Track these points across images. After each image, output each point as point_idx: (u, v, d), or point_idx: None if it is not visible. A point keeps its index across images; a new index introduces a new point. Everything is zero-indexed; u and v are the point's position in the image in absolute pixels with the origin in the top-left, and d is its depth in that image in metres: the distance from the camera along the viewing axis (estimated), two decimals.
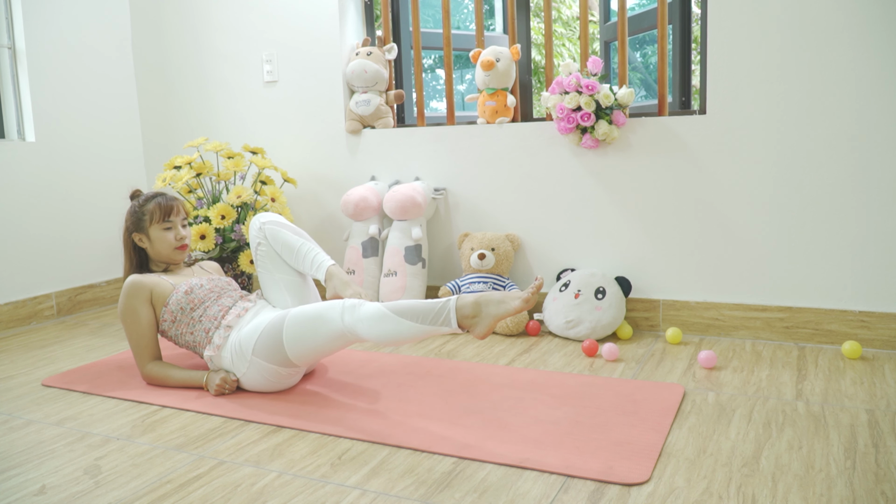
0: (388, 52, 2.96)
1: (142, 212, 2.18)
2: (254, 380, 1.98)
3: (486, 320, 1.74)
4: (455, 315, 1.74)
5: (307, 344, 1.88)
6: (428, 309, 1.76)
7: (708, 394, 1.94)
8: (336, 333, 1.85)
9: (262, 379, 1.97)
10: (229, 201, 2.76)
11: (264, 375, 1.96)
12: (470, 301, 1.75)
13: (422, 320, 1.76)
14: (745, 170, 2.40)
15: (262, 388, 2.00)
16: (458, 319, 1.74)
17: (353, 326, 1.82)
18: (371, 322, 1.80)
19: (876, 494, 1.38)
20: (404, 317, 1.77)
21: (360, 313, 1.82)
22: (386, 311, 1.79)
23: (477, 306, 1.74)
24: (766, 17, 2.31)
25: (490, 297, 1.75)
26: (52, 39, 3.13)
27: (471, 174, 2.84)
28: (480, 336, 1.75)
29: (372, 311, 1.81)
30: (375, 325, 1.79)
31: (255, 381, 1.98)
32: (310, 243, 2.17)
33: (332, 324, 1.85)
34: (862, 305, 2.31)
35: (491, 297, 1.75)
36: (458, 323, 1.75)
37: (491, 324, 1.74)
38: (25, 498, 1.48)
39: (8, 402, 2.06)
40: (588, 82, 2.45)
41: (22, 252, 3.00)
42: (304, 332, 1.87)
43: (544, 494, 1.42)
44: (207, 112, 3.35)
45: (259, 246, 2.19)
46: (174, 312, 2.09)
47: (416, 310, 1.77)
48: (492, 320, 1.74)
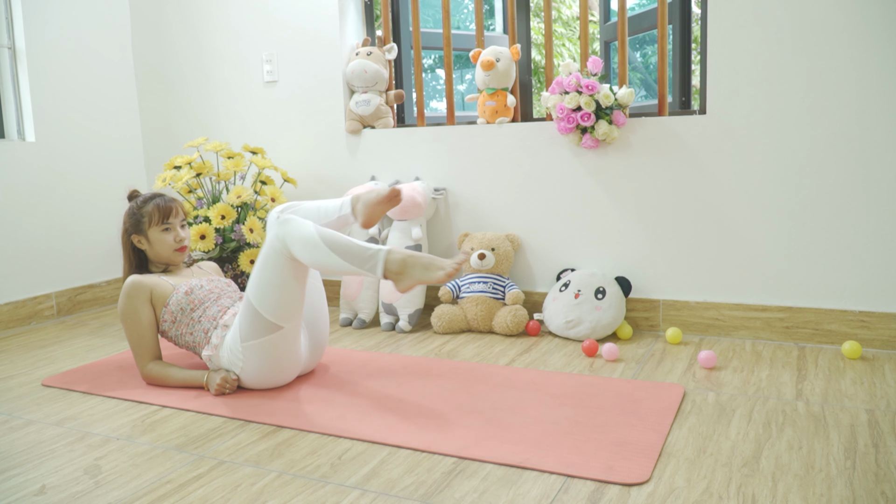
0: (388, 52, 2.96)
1: (140, 213, 2.18)
2: (254, 369, 1.97)
3: (408, 280, 1.83)
4: (382, 266, 1.82)
5: (271, 290, 1.90)
6: (359, 251, 1.85)
7: (708, 394, 1.94)
8: (279, 257, 1.89)
9: (261, 363, 1.96)
10: (229, 201, 2.76)
11: (262, 357, 1.95)
12: (398, 258, 1.83)
13: (350, 260, 1.84)
14: (745, 170, 2.40)
15: (264, 379, 1.99)
16: (384, 270, 1.83)
17: (286, 241, 1.88)
18: (303, 245, 1.87)
19: (876, 494, 1.38)
20: (334, 251, 1.84)
21: (291, 228, 1.89)
22: (318, 240, 1.86)
23: (403, 265, 1.82)
24: (766, 17, 2.31)
25: (418, 260, 1.83)
26: (52, 39, 3.13)
27: (471, 174, 2.84)
28: (401, 291, 1.85)
29: (304, 234, 1.88)
30: (307, 250, 1.87)
31: (255, 370, 1.97)
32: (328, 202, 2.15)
33: (273, 249, 1.90)
34: (862, 305, 2.31)
35: (418, 260, 1.83)
36: (384, 273, 1.83)
37: (412, 285, 1.83)
38: (25, 498, 1.48)
39: (8, 402, 2.06)
40: (588, 82, 2.45)
41: (22, 252, 3.00)
42: (262, 281, 1.91)
43: (544, 494, 1.42)
44: (207, 112, 3.35)
45: None
46: (174, 313, 2.09)
47: (348, 249, 1.85)
48: (413, 282, 1.82)
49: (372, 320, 2.82)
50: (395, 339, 2.59)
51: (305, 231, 1.87)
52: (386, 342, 2.55)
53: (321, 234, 1.86)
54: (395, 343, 2.54)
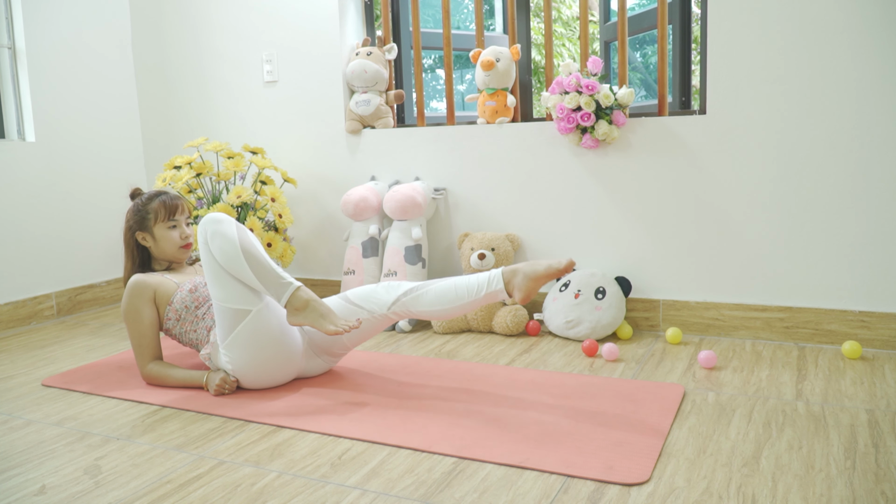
0: (388, 52, 2.96)
1: (146, 210, 2.18)
2: (243, 365, 1.95)
3: (302, 319, 1.91)
4: (287, 298, 1.90)
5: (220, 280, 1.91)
6: (274, 277, 1.91)
7: (708, 394, 1.94)
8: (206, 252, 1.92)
9: (246, 357, 1.93)
10: (229, 201, 2.76)
11: (246, 347, 1.92)
12: (305, 298, 1.91)
13: (262, 279, 1.89)
14: (744, 170, 2.40)
15: (257, 373, 1.97)
16: (287, 301, 1.89)
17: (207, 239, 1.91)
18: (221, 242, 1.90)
19: (876, 494, 1.38)
20: (250, 266, 1.89)
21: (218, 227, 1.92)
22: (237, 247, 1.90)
23: (306, 305, 1.91)
24: (766, 17, 2.31)
25: (318, 307, 1.92)
26: (52, 39, 3.13)
27: (471, 174, 2.84)
28: (290, 322, 1.92)
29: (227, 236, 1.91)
30: (223, 252, 1.90)
31: (244, 365, 1.95)
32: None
33: (202, 252, 1.94)
34: (862, 305, 2.31)
35: (318, 308, 1.92)
36: (286, 303, 1.89)
37: (302, 323, 1.90)
38: (25, 498, 1.48)
39: (8, 402, 2.06)
40: (588, 82, 2.45)
41: (22, 252, 3.00)
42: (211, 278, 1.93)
43: (544, 494, 1.42)
44: (207, 112, 3.35)
45: None
46: (179, 311, 2.09)
47: (264, 270, 1.90)
48: (306, 322, 1.90)
49: None
50: (395, 339, 2.59)
51: (228, 231, 1.91)
52: (386, 342, 2.55)
53: (241, 241, 1.90)
54: (395, 343, 2.54)
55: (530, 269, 1.88)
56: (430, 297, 1.96)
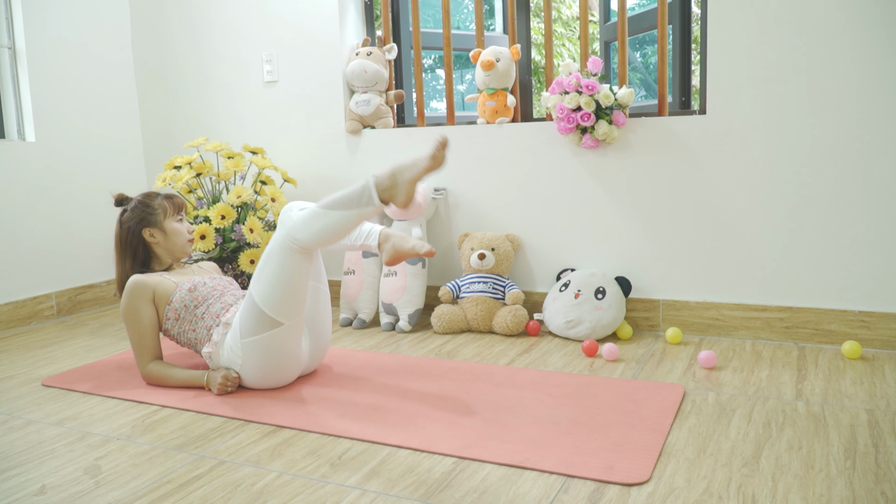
0: (388, 52, 2.96)
1: (153, 207, 2.20)
2: (253, 367, 1.97)
3: (403, 187, 1.87)
4: (376, 191, 1.86)
5: (274, 285, 1.91)
6: (351, 193, 1.89)
7: (708, 394, 1.94)
8: (284, 252, 1.91)
9: (260, 361, 1.95)
10: (229, 201, 2.76)
11: (261, 354, 1.94)
12: (386, 174, 1.88)
13: (348, 206, 1.88)
14: (744, 170, 2.40)
15: (264, 377, 1.99)
16: (378, 194, 1.86)
17: (291, 234, 1.90)
18: (305, 223, 1.90)
19: (876, 494, 1.38)
20: (333, 208, 1.88)
21: (293, 218, 1.92)
22: (316, 207, 1.91)
23: (392, 177, 1.87)
24: (766, 17, 2.31)
25: (402, 165, 1.89)
26: (52, 39, 3.13)
27: (471, 174, 2.84)
28: (403, 204, 1.88)
29: (304, 213, 1.92)
30: (310, 225, 1.90)
31: (254, 367, 1.97)
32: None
33: (276, 246, 1.92)
34: (862, 305, 2.31)
35: (403, 164, 1.89)
36: (380, 197, 1.87)
37: (409, 189, 1.87)
38: (25, 498, 1.48)
39: (8, 402, 2.06)
40: (588, 82, 2.45)
41: (22, 252, 3.00)
42: (266, 278, 1.92)
43: (544, 494, 1.42)
44: (207, 112, 3.35)
45: None
46: (178, 310, 2.09)
47: (342, 198, 1.90)
48: (408, 185, 1.87)
49: (372, 320, 2.82)
50: (394, 339, 2.59)
51: (305, 211, 1.93)
52: (386, 342, 2.55)
53: (318, 204, 1.93)
54: (395, 343, 2.54)
55: (399, 244, 1.97)
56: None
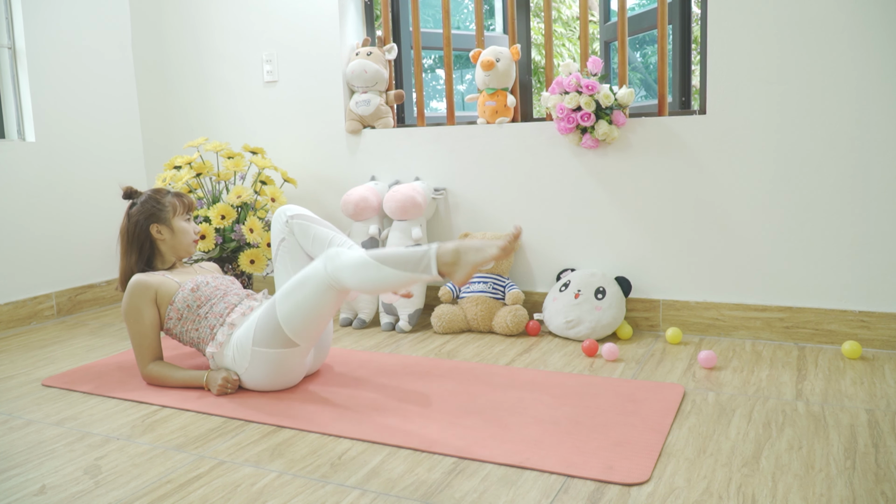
0: (388, 52, 2.96)
1: (163, 203, 2.19)
2: (257, 374, 1.97)
3: (464, 268, 1.81)
4: (435, 262, 1.81)
5: (301, 312, 1.89)
6: (409, 256, 1.83)
7: (708, 394, 1.94)
8: (323, 287, 1.87)
9: (265, 371, 1.96)
10: (229, 201, 2.76)
11: (268, 366, 1.95)
12: (450, 249, 1.82)
13: (403, 267, 1.82)
14: (744, 170, 2.40)
15: (265, 384, 2.00)
16: (438, 267, 1.81)
17: (336, 275, 1.85)
18: (354, 269, 1.84)
19: (876, 494, 1.38)
20: (386, 264, 1.83)
21: (341, 261, 1.86)
22: (368, 258, 1.85)
23: (457, 254, 1.81)
24: (766, 17, 2.31)
25: (469, 245, 1.82)
26: (52, 39, 3.13)
27: (471, 174, 2.84)
28: (459, 282, 1.82)
29: (354, 259, 1.86)
30: (358, 273, 1.84)
31: (258, 375, 1.98)
32: (342, 236, 2.15)
33: (317, 279, 1.88)
34: (862, 305, 2.31)
35: (470, 245, 1.82)
36: (438, 270, 1.81)
37: (469, 271, 1.81)
38: (25, 498, 1.48)
39: (8, 402, 2.06)
40: (588, 82, 2.45)
41: (22, 252, 3.00)
42: (296, 300, 1.90)
43: (544, 494, 1.42)
44: (207, 112, 3.35)
45: (283, 242, 2.16)
46: (180, 310, 2.09)
47: (398, 257, 1.83)
48: (470, 268, 1.80)
49: (372, 320, 2.82)
50: (395, 339, 2.59)
51: (355, 256, 1.86)
52: (386, 342, 2.55)
53: (370, 253, 1.86)
54: (395, 343, 2.54)
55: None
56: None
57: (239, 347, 1.98)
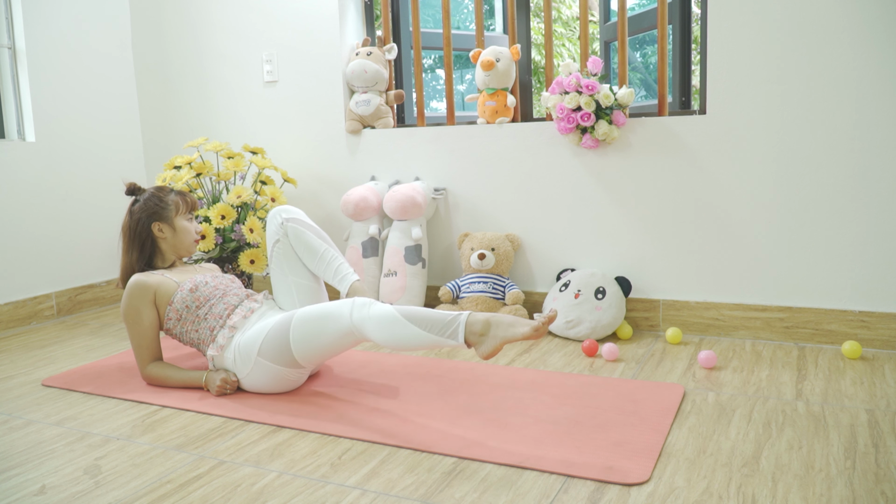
0: (388, 52, 2.96)
1: (166, 202, 2.19)
2: (257, 381, 1.98)
3: (492, 341, 1.70)
4: (464, 330, 1.71)
5: (314, 343, 1.87)
6: (438, 319, 1.74)
7: (708, 394, 1.94)
8: (344, 331, 1.84)
9: (265, 380, 1.97)
10: (229, 201, 2.76)
11: (269, 377, 1.96)
12: (481, 319, 1.71)
13: (430, 329, 1.74)
14: (745, 170, 2.40)
15: (265, 390, 2.00)
16: (465, 335, 1.71)
17: (360, 324, 1.81)
18: (380, 323, 1.79)
19: (876, 494, 1.38)
20: (413, 322, 1.75)
21: (370, 312, 1.81)
22: (396, 314, 1.78)
23: (487, 325, 1.70)
24: (766, 17, 2.31)
25: (501, 320, 1.71)
26: (52, 39, 3.13)
27: (471, 174, 2.84)
28: (484, 356, 1.71)
29: (382, 312, 1.80)
30: (384, 327, 1.78)
31: (257, 382, 1.98)
32: (334, 250, 2.16)
33: (340, 321, 1.84)
34: (862, 305, 2.31)
35: (502, 320, 1.71)
36: (465, 339, 1.72)
37: (497, 346, 1.69)
38: (25, 498, 1.48)
39: (8, 402, 2.06)
40: (588, 82, 2.45)
41: (22, 252, 3.00)
42: (312, 330, 1.87)
43: (544, 494, 1.42)
44: (207, 112, 3.35)
45: (277, 243, 2.16)
46: (179, 311, 2.08)
47: (427, 318, 1.75)
48: (499, 342, 1.69)
49: None
50: None
51: (384, 311, 1.81)
52: None
53: (399, 310, 1.80)
54: None
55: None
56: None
57: (242, 352, 1.97)
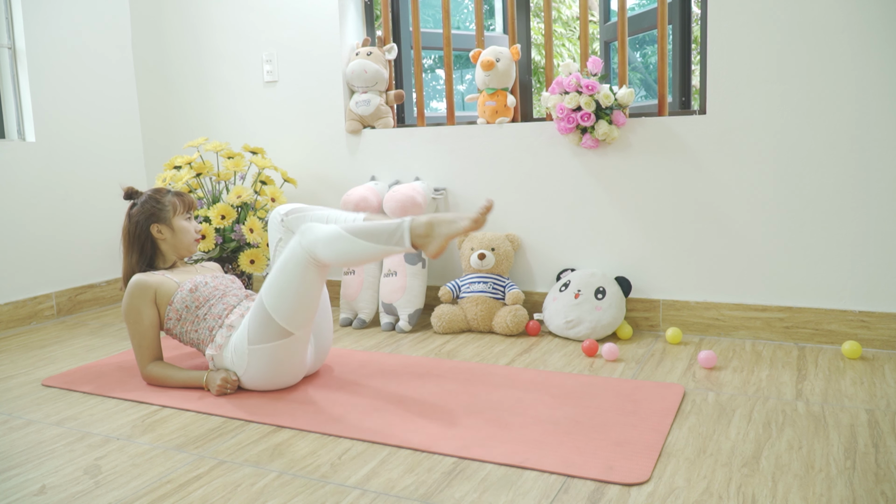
0: (388, 52, 2.96)
1: (163, 203, 2.20)
2: (257, 374, 1.97)
3: (437, 239, 1.83)
4: (409, 234, 1.83)
5: (287, 295, 1.90)
6: (383, 229, 1.85)
7: (708, 394, 1.94)
8: (302, 265, 1.88)
9: (265, 368, 1.96)
10: (229, 201, 2.76)
11: (267, 362, 1.94)
12: (423, 221, 1.84)
13: (377, 240, 1.84)
14: (744, 170, 2.40)
15: (265, 383, 1.99)
16: (411, 238, 1.83)
17: (311, 248, 1.87)
18: (328, 242, 1.86)
19: (876, 494, 1.38)
20: (359, 237, 1.85)
21: (315, 234, 1.88)
22: (342, 231, 1.87)
23: (430, 226, 1.83)
24: (766, 17, 2.31)
25: (442, 218, 1.85)
26: (52, 39, 3.13)
27: (471, 174, 2.84)
28: (432, 255, 1.84)
29: (327, 232, 1.88)
30: (331, 245, 1.86)
31: (258, 374, 1.97)
32: (337, 212, 2.14)
33: (295, 257, 1.89)
34: (862, 305, 2.31)
35: (443, 218, 1.85)
36: (412, 242, 1.84)
37: (443, 243, 1.83)
38: (25, 498, 1.48)
39: (8, 402, 2.06)
40: (588, 82, 2.45)
41: (22, 252, 3.00)
42: (280, 285, 1.90)
43: (544, 494, 1.42)
44: (207, 112, 3.35)
45: (280, 242, 2.15)
46: (179, 311, 2.09)
47: (372, 230, 1.85)
48: (443, 239, 1.83)
49: (372, 320, 2.82)
50: (395, 339, 2.59)
51: (329, 230, 1.89)
52: (386, 342, 2.55)
53: (344, 227, 1.89)
54: (395, 343, 2.54)
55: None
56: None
57: (236, 350, 1.98)
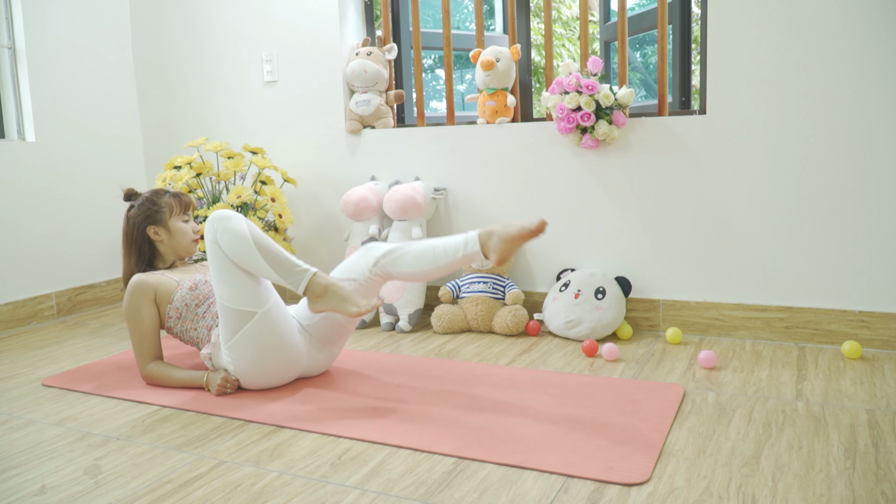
0: (388, 52, 2.96)
1: (160, 204, 2.19)
2: (245, 367, 1.95)
3: (324, 305, 1.90)
4: (305, 285, 1.89)
5: (226, 279, 1.90)
6: (289, 264, 1.91)
7: (708, 394, 1.94)
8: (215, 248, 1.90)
9: (249, 358, 1.93)
10: (229, 201, 2.76)
11: (246, 350, 1.92)
12: (323, 283, 1.90)
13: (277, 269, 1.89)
14: (744, 170, 2.40)
15: (258, 374, 1.97)
16: (306, 288, 1.89)
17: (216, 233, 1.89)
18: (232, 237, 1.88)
19: (876, 494, 1.38)
20: (263, 257, 1.88)
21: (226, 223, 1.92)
22: (248, 237, 1.89)
23: (325, 290, 1.90)
24: (766, 17, 2.31)
25: (338, 291, 1.91)
26: (52, 39, 3.13)
27: (471, 174, 2.84)
28: (313, 310, 1.92)
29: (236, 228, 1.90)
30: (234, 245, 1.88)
31: (246, 367, 1.95)
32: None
33: (209, 245, 1.91)
34: (862, 305, 2.31)
35: (339, 291, 1.90)
36: (305, 290, 1.89)
37: (324, 309, 1.90)
38: (25, 498, 1.48)
39: (8, 402, 2.06)
40: (588, 82, 2.45)
41: (22, 252, 3.00)
42: (217, 275, 1.92)
43: (544, 494, 1.42)
44: (207, 112, 3.35)
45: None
46: (179, 309, 2.09)
47: (279, 258, 1.90)
48: (328, 308, 1.89)
49: (372, 320, 2.82)
50: (395, 339, 2.59)
51: (238, 227, 1.89)
52: (386, 342, 2.55)
53: (253, 235, 1.89)
54: (395, 343, 2.54)
55: (504, 232, 1.89)
56: (408, 259, 1.97)
57: (226, 346, 1.97)
